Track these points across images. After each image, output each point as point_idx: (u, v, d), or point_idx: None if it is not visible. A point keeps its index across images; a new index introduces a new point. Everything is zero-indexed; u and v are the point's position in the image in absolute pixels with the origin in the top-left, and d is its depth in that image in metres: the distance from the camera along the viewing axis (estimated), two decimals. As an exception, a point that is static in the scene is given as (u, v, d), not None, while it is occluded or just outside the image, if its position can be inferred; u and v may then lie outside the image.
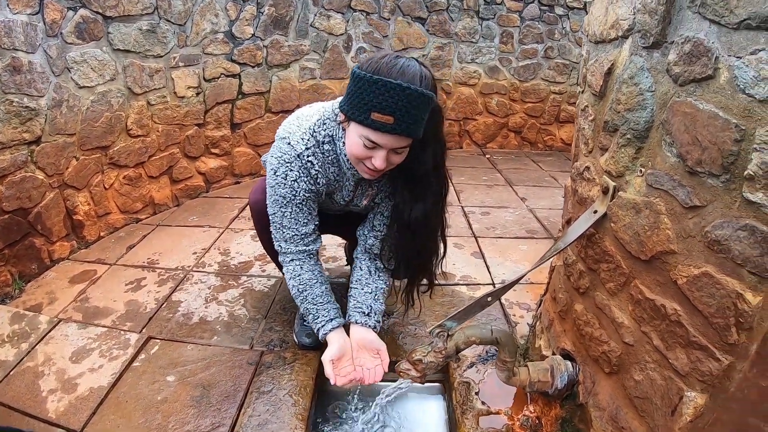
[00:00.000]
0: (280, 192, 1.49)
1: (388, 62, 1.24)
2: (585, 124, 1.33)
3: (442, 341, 1.36)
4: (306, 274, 1.61)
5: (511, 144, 5.03)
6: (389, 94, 1.21)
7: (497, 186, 3.82)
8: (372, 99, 1.22)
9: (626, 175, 1.08)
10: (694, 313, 0.88)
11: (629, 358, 1.09)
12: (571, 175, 1.48)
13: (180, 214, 3.16)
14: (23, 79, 2.13)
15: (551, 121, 4.99)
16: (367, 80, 1.23)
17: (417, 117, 1.26)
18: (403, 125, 1.24)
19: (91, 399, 1.59)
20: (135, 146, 2.88)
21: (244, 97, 3.56)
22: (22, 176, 2.20)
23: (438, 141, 1.44)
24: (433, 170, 1.46)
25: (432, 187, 1.50)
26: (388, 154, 1.31)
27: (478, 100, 4.79)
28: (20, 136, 2.16)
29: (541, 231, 2.94)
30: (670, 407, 0.95)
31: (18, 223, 2.23)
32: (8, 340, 1.83)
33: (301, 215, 1.54)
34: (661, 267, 0.96)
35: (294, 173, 1.46)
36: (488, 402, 1.58)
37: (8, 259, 2.21)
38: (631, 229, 1.04)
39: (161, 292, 2.23)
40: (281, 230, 1.57)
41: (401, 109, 1.22)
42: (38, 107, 2.22)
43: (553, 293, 1.62)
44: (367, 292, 1.67)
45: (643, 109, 1.00)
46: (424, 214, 1.50)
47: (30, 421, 1.51)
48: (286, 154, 1.45)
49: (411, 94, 1.21)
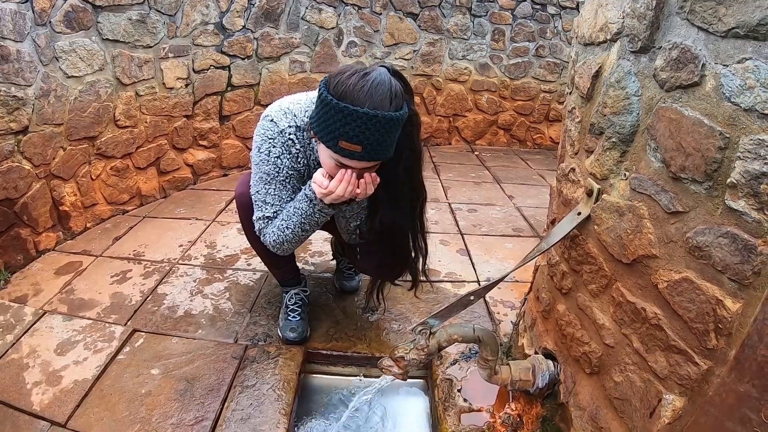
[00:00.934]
0: (263, 169, 1.48)
1: (356, 83, 1.20)
2: (572, 125, 1.33)
3: (425, 339, 1.36)
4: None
5: (500, 141, 5.05)
6: (356, 124, 1.19)
7: (485, 183, 3.83)
8: (339, 128, 1.21)
9: (611, 178, 1.09)
10: (674, 318, 0.89)
11: (609, 359, 1.11)
12: (557, 175, 1.49)
13: (167, 206, 3.13)
14: (11, 68, 2.10)
15: (541, 120, 5.01)
16: (333, 107, 1.20)
17: (386, 142, 1.25)
18: (371, 153, 1.25)
19: (76, 392, 1.58)
20: (123, 137, 2.84)
21: (234, 90, 3.53)
22: (8, 166, 2.16)
23: (411, 149, 1.44)
24: (405, 177, 1.47)
25: (405, 195, 1.51)
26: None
27: (468, 97, 4.80)
28: (7, 125, 2.12)
29: (528, 229, 2.95)
30: (648, 409, 0.96)
31: (4, 213, 2.20)
32: (-8, 332, 1.81)
33: (284, 192, 1.52)
34: (643, 271, 0.97)
35: (277, 149, 1.46)
36: (470, 399, 1.60)
37: (-6, 249, 2.18)
38: (614, 232, 1.05)
39: (147, 285, 2.21)
40: (263, 207, 1.53)
41: (369, 138, 1.21)
42: (26, 96, 2.18)
43: (537, 292, 1.63)
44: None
45: (629, 113, 1.01)
46: (393, 221, 1.52)
47: (14, 413, 1.50)
48: (269, 131, 1.46)
49: (379, 122, 1.19)
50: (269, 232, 1.55)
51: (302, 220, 1.48)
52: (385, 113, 1.19)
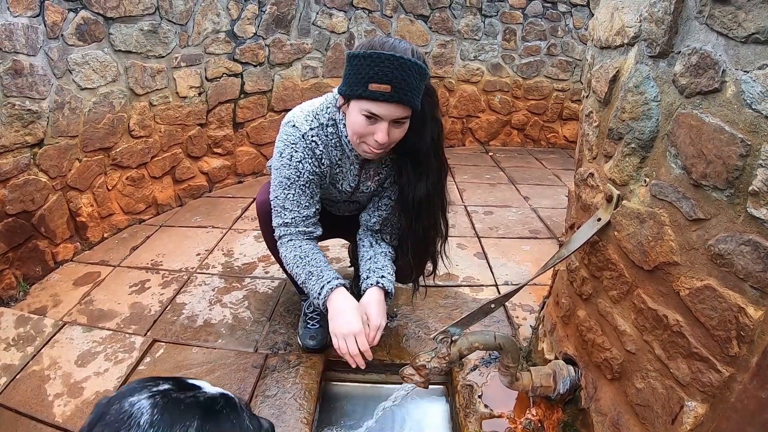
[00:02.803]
0: (284, 173, 1.52)
1: (380, 41, 1.32)
2: (589, 129, 1.32)
3: (446, 347, 1.36)
4: (307, 246, 1.59)
5: (514, 141, 5.03)
6: (384, 65, 1.26)
7: (500, 185, 3.82)
8: (368, 71, 1.27)
9: (630, 184, 1.08)
10: (696, 325, 0.88)
11: (631, 365, 1.10)
12: (575, 180, 1.48)
13: (183, 215, 3.17)
14: (25, 82, 2.13)
15: (554, 119, 4.97)
16: (362, 56, 1.28)
17: (413, 85, 1.30)
18: (400, 93, 1.28)
19: (98, 403, 1.60)
20: (137, 147, 2.88)
21: (247, 97, 3.56)
22: (25, 179, 2.20)
23: (435, 120, 1.48)
24: (433, 149, 1.50)
25: (432, 166, 1.53)
26: (390, 128, 1.35)
27: (480, 98, 4.78)
28: (22, 138, 2.16)
29: (544, 231, 2.94)
30: (670, 416, 0.95)
31: (21, 225, 2.24)
32: (14, 344, 1.84)
33: (303, 198, 1.55)
34: (664, 278, 0.96)
35: (299, 154, 1.49)
36: (491, 405, 1.59)
37: (12, 261, 2.21)
38: (635, 238, 1.04)
39: (165, 295, 2.23)
40: (282, 213, 1.57)
41: (397, 78, 1.26)
42: (40, 110, 2.22)
43: (556, 297, 1.62)
44: (365, 260, 1.67)
45: (648, 119, 1.00)
46: (427, 193, 1.54)
47: (36, 425, 1.52)
48: (291, 136, 1.49)
49: (405, 63, 1.26)
50: (286, 246, 1.60)
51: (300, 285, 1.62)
52: (411, 58, 1.28)
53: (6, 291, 2.18)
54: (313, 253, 1.58)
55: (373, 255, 1.67)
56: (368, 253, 1.69)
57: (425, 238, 1.66)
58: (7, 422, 1.54)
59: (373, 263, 1.64)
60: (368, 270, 1.62)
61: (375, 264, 1.63)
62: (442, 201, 1.65)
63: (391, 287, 1.60)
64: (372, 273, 1.60)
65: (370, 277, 1.59)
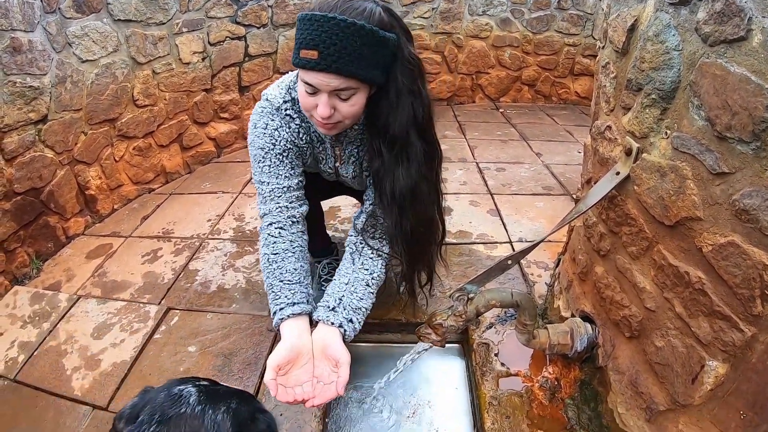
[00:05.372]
0: (258, 144, 1.38)
1: (328, 1, 1.13)
2: (606, 81, 1.28)
3: (463, 305, 1.34)
4: (282, 244, 1.40)
5: (525, 98, 4.91)
6: (313, 27, 1.09)
7: (512, 141, 3.75)
8: (300, 35, 1.12)
9: (650, 136, 1.04)
10: (719, 283, 0.86)
11: (650, 323, 1.09)
12: (591, 133, 1.44)
13: (192, 182, 3.17)
14: (24, 59, 2.10)
15: (565, 74, 4.82)
16: (299, 18, 1.13)
17: (346, 50, 1.09)
18: (329, 59, 1.09)
19: (115, 374, 1.63)
20: (143, 116, 2.86)
21: (251, 59, 3.49)
22: (31, 156, 2.20)
23: (415, 95, 1.25)
24: (415, 128, 1.28)
25: (415, 149, 1.30)
26: (333, 100, 1.17)
27: (490, 54, 4.65)
28: (26, 116, 2.14)
29: (558, 187, 2.90)
30: (690, 375, 0.95)
31: (31, 203, 2.24)
32: (30, 321, 1.87)
33: (281, 168, 1.39)
34: (686, 233, 0.94)
35: (275, 122, 1.37)
36: (507, 363, 1.60)
37: (24, 239, 2.23)
38: (655, 192, 1.01)
39: (178, 262, 2.25)
40: (260, 188, 1.42)
41: (324, 42, 1.08)
42: (42, 86, 2.20)
43: (573, 254, 1.61)
44: (342, 282, 1.40)
45: (669, 69, 0.95)
46: (411, 183, 1.32)
47: (56, 400, 1.56)
48: (265, 109, 1.39)
49: (335, 25, 1.07)
50: (264, 234, 1.43)
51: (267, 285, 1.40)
52: (347, 18, 1.08)
53: (19, 269, 2.21)
54: (283, 257, 1.38)
55: (350, 279, 1.40)
56: (348, 268, 1.43)
57: (416, 239, 1.43)
58: (26, 399, 1.58)
59: (348, 291, 1.37)
60: (339, 297, 1.35)
61: (351, 295, 1.37)
62: (435, 193, 1.45)
63: (352, 336, 1.33)
64: (340, 306, 1.33)
65: (337, 310, 1.32)
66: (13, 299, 2.03)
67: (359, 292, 1.38)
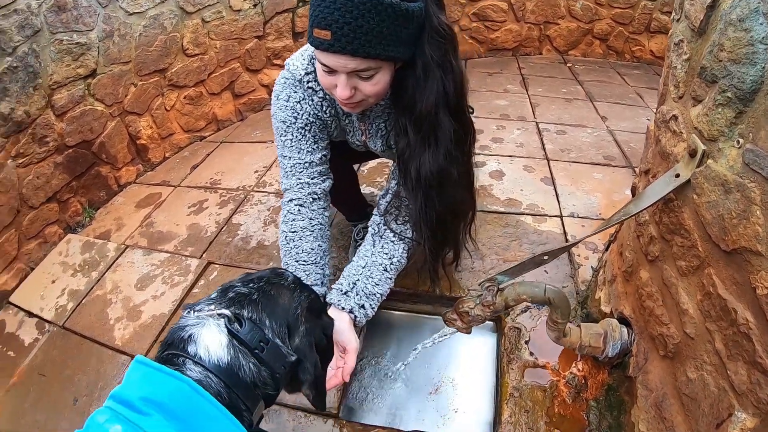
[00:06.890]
0: (280, 117, 1.32)
1: None
2: (678, 62, 1.10)
3: (492, 295, 1.27)
4: (301, 222, 1.38)
5: (596, 52, 4.50)
6: (325, 4, 0.99)
7: (576, 100, 3.48)
8: (312, 11, 1.03)
9: (720, 141, 0.88)
10: (767, 332, 0.74)
11: (687, 350, 0.98)
12: (656, 119, 1.27)
13: (244, 130, 3.16)
14: (70, 17, 2.11)
15: (641, 30, 4.33)
16: None
17: (362, 29, 0.99)
18: (342, 41, 1.00)
19: (154, 326, 1.70)
20: (193, 65, 2.85)
21: (305, 4, 3.36)
22: (81, 110, 2.25)
23: (445, 69, 1.14)
24: (445, 106, 1.18)
25: (444, 129, 1.20)
26: (353, 81, 1.09)
27: (560, 3, 4.26)
28: (74, 72, 2.18)
29: (620, 158, 2.66)
30: (716, 419, 0.85)
31: (83, 155, 2.32)
32: (80, 269, 1.97)
33: (304, 142, 1.33)
34: (742, 265, 0.80)
35: (298, 95, 1.30)
36: (536, 353, 1.53)
37: (77, 190, 2.32)
38: (715, 209, 0.87)
39: (222, 215, 2.28)
40: (282, 162, 1.37)
41: (338, 21, 0.98)
42: (89, 41, 2.21)
43: (621, 247, 1.48)
44: (359, 265, 1.37)
45: (752, 65, 0.79)
46: (438, 167, 1.23)
47: (99, 348, 1.64)
48: (287, 80, 1.31)
49: (352, 3, 0.97)
50: (284, 211, 1.42)
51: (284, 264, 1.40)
52: None
53: (72, 218, 2.31)
54: (300, 236, 1.37)
55: (368, 262, 1.37)
56: (367, 251, 1.40)
57: (442, 225, 1.36)
58: (73, 346, 1.68)
59: (364, 276, 1.34)
60: (354, 281, 1.33)
61: (366, 280, 1.34)
62: (466, 175, 1.35)
63: (364, 321, 1.32)
64: (353, 291, 1.31)
65: (349, 295, 1.31)
66: (66, 247, 2.14)
67: (375, 277, 1.35)
